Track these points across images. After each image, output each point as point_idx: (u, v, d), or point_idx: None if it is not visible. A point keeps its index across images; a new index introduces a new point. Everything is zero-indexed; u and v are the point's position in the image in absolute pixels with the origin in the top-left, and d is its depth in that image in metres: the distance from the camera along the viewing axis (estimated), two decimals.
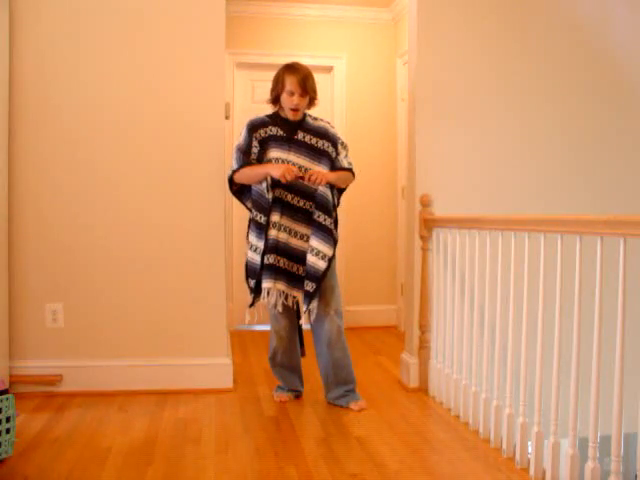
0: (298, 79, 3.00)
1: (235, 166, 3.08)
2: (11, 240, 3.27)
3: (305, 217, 3.05)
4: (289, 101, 3.03)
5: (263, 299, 3.05)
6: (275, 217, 3.01)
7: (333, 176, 3.02)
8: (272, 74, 3.14)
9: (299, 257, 3.04)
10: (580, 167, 3.59)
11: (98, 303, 3.33)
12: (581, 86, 3.60)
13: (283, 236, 3.02)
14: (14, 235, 3.27)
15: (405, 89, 4.71)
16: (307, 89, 3.02)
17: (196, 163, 3.38)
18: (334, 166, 3.08)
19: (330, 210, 3.04)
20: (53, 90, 3.29)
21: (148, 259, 3.36)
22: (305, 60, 3.18)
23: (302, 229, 3.04)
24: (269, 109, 3.21)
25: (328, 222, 3.03)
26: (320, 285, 3.00)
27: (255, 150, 3.06)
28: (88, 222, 3.32)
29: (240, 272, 5.27)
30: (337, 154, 3.11)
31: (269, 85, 3.17)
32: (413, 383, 3.43)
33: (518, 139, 3.52)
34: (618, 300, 1.89)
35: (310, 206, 3.04)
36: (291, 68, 3.05)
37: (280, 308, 3.05)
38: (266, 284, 3.00)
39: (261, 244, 3.03)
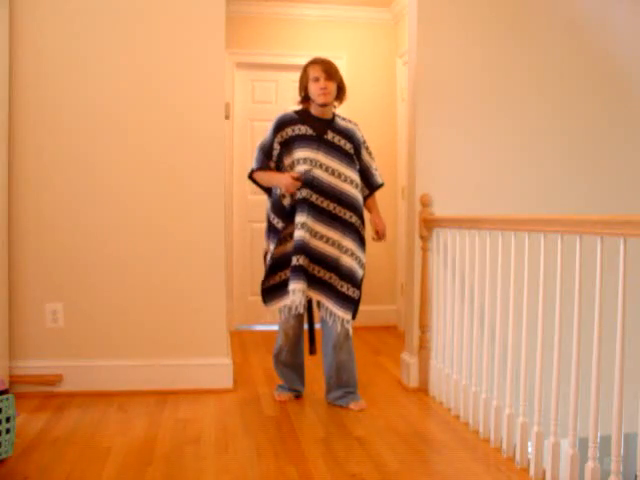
0: (322, 65, 3.03)
1: (255, 165, 3.15)
2: (11, 240, 3.27)
3: (328, 219, 3.02)
4: (316, 87, 3.02)
5: (285, 300, 3.03)
6: (302, 218, 2.98)
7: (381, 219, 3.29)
8: (272, 74, 3.17)
9: (317, 258, 3.01)
10: (580, 167, 3.59)
11: (98, 303, 3.33)
12: (581, 86, 3.60)
13: (306, 237, 2.99)
14: (14, 235, 3.27)
15: (405, 89, 4.71)
16: (332, 73, 3.02)
17: (196, 163, 3.38)
18: (364, 175, 3.20)
19: (361, 211, 3.11)
20: (53, 90, 3.29)
21: (148, 259, 3.36)
22: (305, 60, 3.18)
23: (323, 230, 3.02)
24: (268, 109, 3.21)
25: (359, 223, 3.09)
26: (361, 288, 3.04)
27: (275, 152, 3.09)
28: (88, 222, 3.32)
29: (240, 272, 5.28)
30: (364, 162, 3.19)
31: (269, 85, 3.18)
32: (413, 383, 3.43)
33: (518, 139, 3.52)
34: (618, 300, 1.89)
35: (334, 208, 3.03)
36: (314, 59, 3.11)
37: (302, 309, 3.01)
38: (294, 285, 2.96)
39: (272, 247, 3.10)
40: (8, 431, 2.41)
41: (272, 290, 3.13)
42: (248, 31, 5.23)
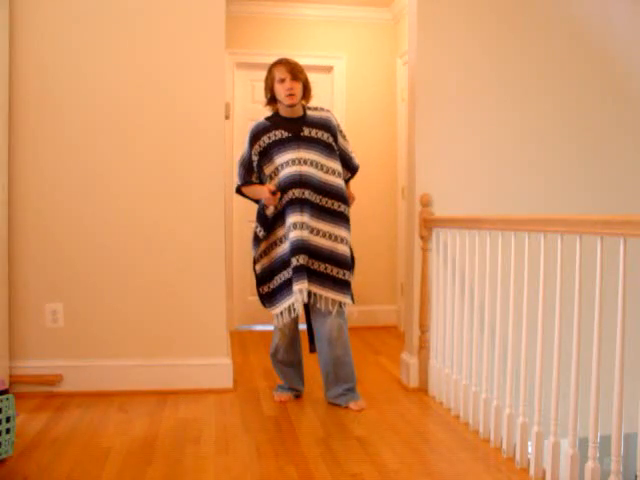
0: (287, 66, 3.06)
1: (238, 182, 3.22)
2: (11, 240, 3.27)
3: (318, 212, 3.04)
4: (282, 88, 3.04)
5: (288, 301, 3.03)
6: (296, 218, 3.00)
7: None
8: None
9: (318, 254, 3.03)
10: (580, 167, 3.59)
11: (98, 303, 3.33)
12: (581, 86, 3.60)
13: (305, 234, 2.99)
14: (14, 235, 3.27)
15: (405, 89, 4.71)
16: (297, 73, 3.04)
17: (196, 163, 3.38)
18: (342, 160, 3.18)
19: (346, 198, 3.15)
20: (53, 90, 3.29)
21: (148, 259, 3.36)
22: (305, 60, 3.20)
23: (313, 223, 3.03)
24: (268, 109, 3.21)
25: (347, 211, 3.14)
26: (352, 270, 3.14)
27: (254, 165, 3.13)
28: (88, 222, 3.32)
29: (240, 272, 5.28)
30: (341, 148, 3.17)
31: None
32: (413, 383, 3.43)
33: (518, 139, 3.52)
34: (618, 300, 1.89)
35: (320, 200, 3.06)
36: (279, 60, 3.12)
37: (300, 309, 3.02)
38: (301, 285, 2.96)
39: (255, 254, 3.15)
40: (8, 431, 2.41)
41: (273, 294, 3.13)
42: (248, 31, 5.23)
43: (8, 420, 2.41)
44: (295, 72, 3.04)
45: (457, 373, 3.00)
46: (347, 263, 3.09)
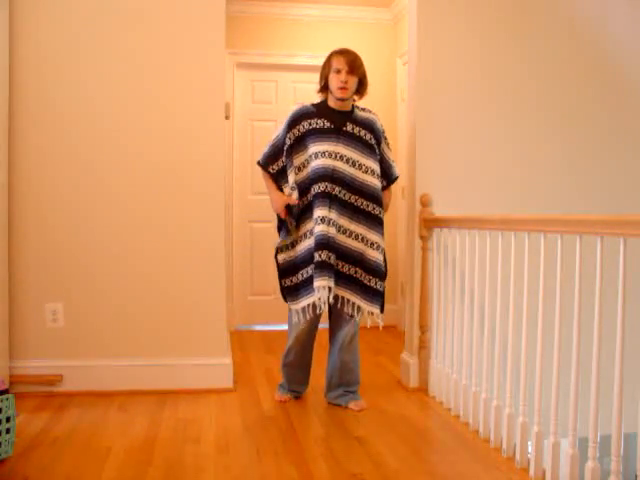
0: (346, 57, 2.96)
1: (261, 159, 3.11)
2: (11, 240, 3.27)
3: (351, 212, 2.96)
4: (336, 79, 2.94)
5: (309, 299, 2.94)
6: (323, 212, 2.90)
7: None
8: (272, 74, 3.16)
9: (345, 254, 2.96)
10: (580, 167, 3.59)
11: (98, 303, 3.33)
12: (581, 86, 3.60)
13: (332, 231, 2.91)
14: (14, 235, 3.27)
15: (405, 89, 4.71)
16: (355, 67, 2.95)
17: (196, 163, 3.38)
18: (382, 167, 3.08)
19: (381, 201, 3.04)
20: (53, 90, 3.29)
21: (148, 259, 3.36)
22: (305, 60, 3.18)
23: (346, 224, 2.95)
24: (268, 109, 3.20)
25: (382, 215, 3.04)
26: (385, 280, 3.02)
27: (284, 151, 3.02)
28: (88, 222, 3.32)
29: (240, 272, 5.29)
30: (382, 155, 3.09)
31: (269, 85, 3.17)
32: (413, 383, 3.43)
33: (518, 139, 3.53)
34: (618, 300, 1.89)
35: (355, 200, 2.97)
36: (339, 50, 3.03)
37: (324, 306, 2.91)
38: (320, 282, 2.86)
39: (280, 244, 3.06)
40: (8, 431, 2.41)
41: (296, 288, 3.05)
42: (248, 31, 5.23)
43: (8, 420, 2.41)
44: (353, 65, 2.94)
45: (457, 373, 3.00)
46: (379, 271, 2.98)
